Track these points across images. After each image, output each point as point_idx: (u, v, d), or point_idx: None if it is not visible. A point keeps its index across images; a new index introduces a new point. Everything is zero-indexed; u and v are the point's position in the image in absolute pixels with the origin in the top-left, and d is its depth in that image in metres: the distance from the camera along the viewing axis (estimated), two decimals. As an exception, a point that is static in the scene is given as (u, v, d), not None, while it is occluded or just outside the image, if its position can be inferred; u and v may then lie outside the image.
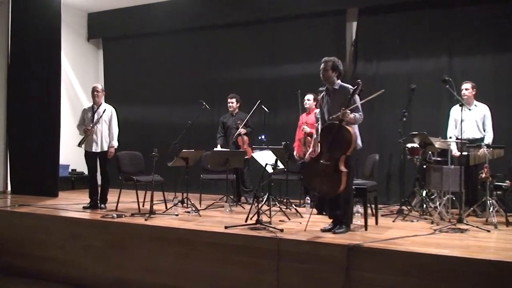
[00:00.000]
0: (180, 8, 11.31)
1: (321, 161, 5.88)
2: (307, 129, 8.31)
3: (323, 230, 6.05)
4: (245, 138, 9.04)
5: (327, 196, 6.32)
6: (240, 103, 9.43)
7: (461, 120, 6.92)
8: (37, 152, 10.03)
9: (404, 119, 7.92)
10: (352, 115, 5.87)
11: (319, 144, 6.22)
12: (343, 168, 5.77)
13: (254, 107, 8.90)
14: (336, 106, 5.96)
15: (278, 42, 10.50)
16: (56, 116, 9.98)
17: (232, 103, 9.38)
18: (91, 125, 8.10)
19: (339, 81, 6.18)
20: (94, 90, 8.34)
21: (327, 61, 6.18)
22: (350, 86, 6.07)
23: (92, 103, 8.37)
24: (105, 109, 8.26)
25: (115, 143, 8.28)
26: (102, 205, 8.20)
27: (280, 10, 10.30)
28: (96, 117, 8.15)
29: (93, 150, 8.15)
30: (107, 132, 8.24)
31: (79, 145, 8.17)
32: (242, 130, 8.99)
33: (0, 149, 10.61)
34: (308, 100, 8.62)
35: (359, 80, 5.98)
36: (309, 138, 8.21)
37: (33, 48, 10.32)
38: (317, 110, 7.30)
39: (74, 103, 11.84)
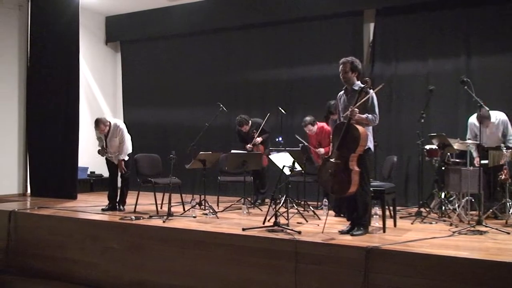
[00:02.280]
0: (197, 10, 11.35)
1: (331, 159, 5.90)
2: (322, 151, 8.35)
3: (341, 232, 6.04)
4: (261, 147, 9.00)
5: (338, 196, 6.30)
6: (250, 121, 9.23)
7: (480, 127, 6.84)
8: (56, 155, 10.10)
9: (423, 120, 7.86)
10: (364, 115, 5.85)
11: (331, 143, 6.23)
12: (354, 167, 5.76)
13: (266, 117, 8.86)
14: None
15: (295, 44, 10.48)
16: (75, 118, 10.05)
17: (245, 129, 9.20)
18: (106, 153, 8.15)
19: (358, 82, 6.14)
20: (97, 127, 8.07)
21: (345, 62, 6.15)
22: (370, 90, 6.04)
23: None
24: (112, 131, 8.16)
25: (123, 157, 8.18)
26: (121, 207, 8.27)
27: (297, 12, 10.30)
28: (108, 141, 8.16)
29: (112, 161, 8.28)
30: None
31: (100, 154, 8.25)
32: (257, 140, 8.96)
33: (19, 151, 10.73)
34: (310, 130, 8.62)
35: (367, 78, 5.95)
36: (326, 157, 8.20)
37: (51, 51, 10.41)
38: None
39: (93, 106, 11.95)
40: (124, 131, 8.23)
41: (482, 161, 7.15)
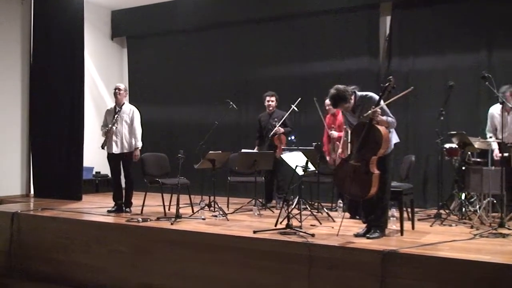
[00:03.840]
0: (206, 4, 11.36)
1: (351, 162, 5.87)
2: (335, 134, 8.30)
3: (357, 235, 6.02)
4: (282, 137, 8.90)
5: (357, 199, 6.29)
6: (278, 101, 9.29)
7: (502, 120, 6.80)
8: (61, 154, 10.14)
9: (442, 118, 7.82)
10: (384, 117, 5.82)
11: (349, 144, 6.20)
12: (374, 170, 5.73)
13: (294, 104, 8.77)
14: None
15: (309, 38, 10.45)
16: (80, 117, 10.09)
17: (271, 101, 9.19)
18: (109, 126, 8.19)
19: (358, 94, 6.08)
20: (115, 89, 8.35)
21: (340, 103, 6.01)
22: (370, 94, 6.01)
23: (114, 104, 8.42)
24: (125, 109, 8.30)
25: (139, 144, 8.31)
26: (127, 209, 8.28)
27: (310, 5, 10.26)
28: (118, 118, 8.21)
29: (114, 151, 8.22)
30: (128, 133, 8.28)
31: (102, 147, 8.25)
32: (279, 129, 8.89)
33: (22, 151, 10.78)
34: (328, 105, 8.57)
35: (390, 77, 5.89)
36: (337, 143, 8.17)
37: (55, 47, 10.44)
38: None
39: (98, 104, 11.98)
40: (139, 116, 8.36)
41: (505, 154, 7.06)
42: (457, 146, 7.58)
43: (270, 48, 10.90)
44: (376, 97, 5.92)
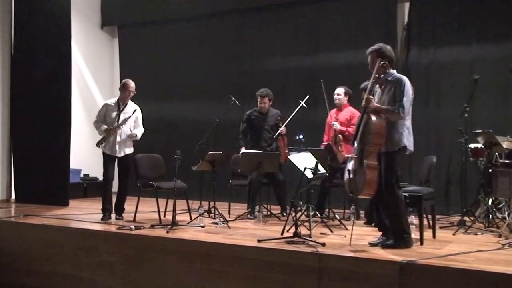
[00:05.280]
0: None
1: (349, 155, 6.02)
2: (337, 126, 8.21)
3: (372, 244, 6.02)
4: (286, 139, 8.81)
5: (355, 196, 6.28)
6: (272, 100, 9.10)
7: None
8: (45, 155, 10.13)
9: (466, 115, 7.81)
10: (385, 106, 5.86)
11: None
12: (369, 161, 5.76)
13: (303, 102, 8.62)
14: (387, 99, 5.92)
15: (318, 27, 10.45)
16: (66, 114, 10.08)
17: (264, 103, 8.97)
18: (115, 126, 8.13)
19: (393, 70, 6.10)
20: (127, 87, 8.21)
21: (372, 52, 6.15)
22: (404, 77, 5.99)
23: (116, 99, 8.34)
24: (134, 110, 8.27)
25: (138, 133, 8.28)
26: (118, 216, 8.27)
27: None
28: (122, 117, 8.16)
29: (115, 154, 8.21)
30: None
31: (98, 144, 8.21)
32: (283, 129, 8.74)
33: (3, 152, 10.78)
34: (338, 95, 8.50)
35: (383, 62, 5.94)
36: (340, 136, 8.13)
37: (39, 37, 10.44)
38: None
39: (87, 99, 11.99)
40: (140, 114, 8.42)
41: None
42: (483, 146, 7.56)
43: (276, 38, 10.90)
44: (406, 80, 5.95)
